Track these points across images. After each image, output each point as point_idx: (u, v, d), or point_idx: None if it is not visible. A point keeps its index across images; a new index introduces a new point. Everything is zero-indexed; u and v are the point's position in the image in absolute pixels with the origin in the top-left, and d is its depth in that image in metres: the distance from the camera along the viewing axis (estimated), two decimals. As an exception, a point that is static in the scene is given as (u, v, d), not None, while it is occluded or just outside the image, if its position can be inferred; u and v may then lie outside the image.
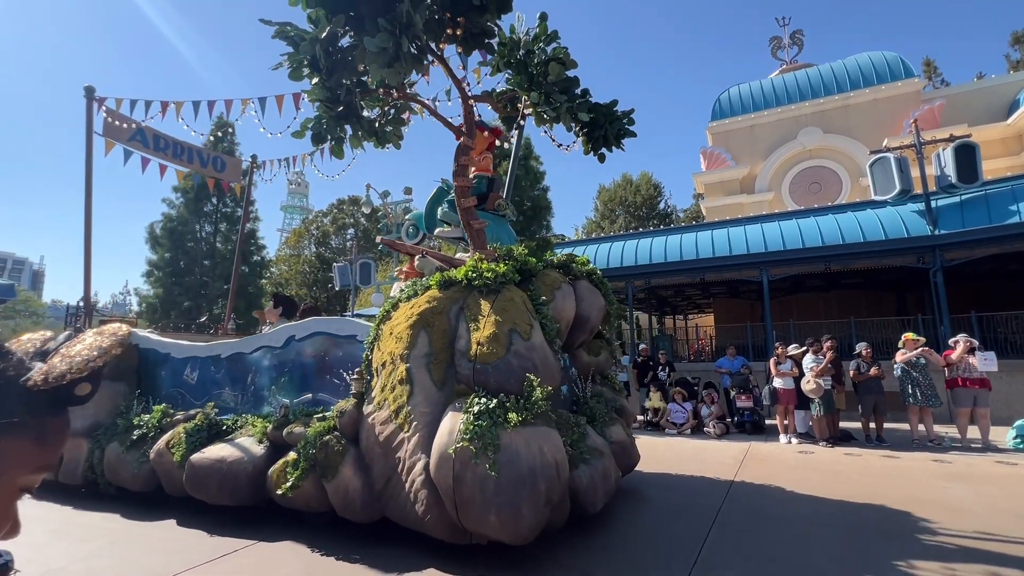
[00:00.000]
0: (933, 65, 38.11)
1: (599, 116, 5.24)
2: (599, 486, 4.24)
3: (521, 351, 4.02)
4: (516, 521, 3.40)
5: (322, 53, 4.23)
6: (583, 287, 5.45)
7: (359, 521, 4.20)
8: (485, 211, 6.36)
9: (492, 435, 3.53)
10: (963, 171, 11.07)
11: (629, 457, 5.47)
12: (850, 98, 19.50)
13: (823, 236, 12.33)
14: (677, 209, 38.87)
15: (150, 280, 21.98)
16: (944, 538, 4.13)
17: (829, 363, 8.25)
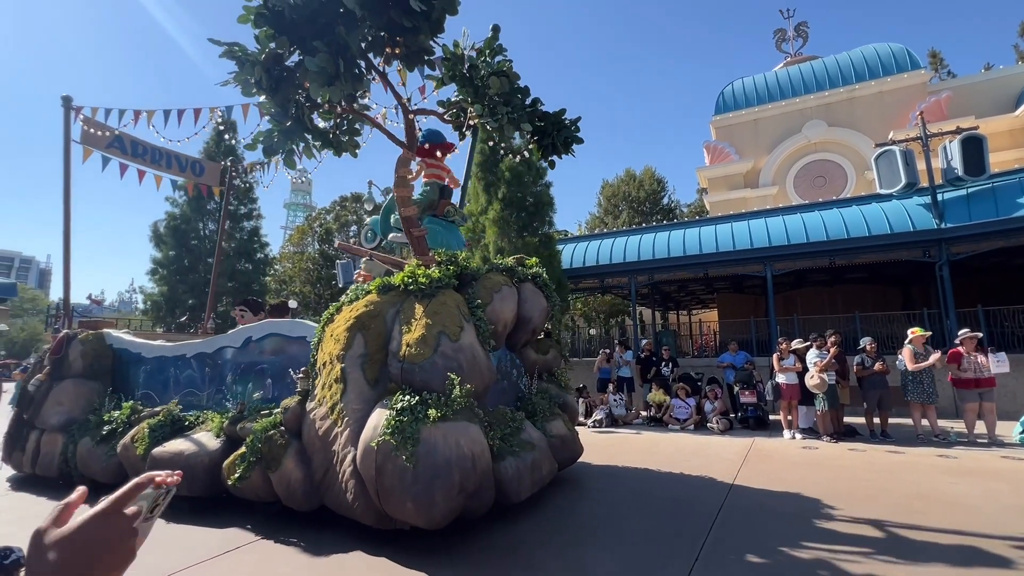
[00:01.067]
0: (939, 57, 37.64)
1: (548, 125, 5.58)
2: (525, 477, 4.59)
3: (448, 352, 4.34)
4: (430, 508, 3.74)
5: (263, 73, 4.51)
6: (527, 289, 5.79)
7: (301, 509, 4.55)
8: (436, 217, 6.77)
9: (412, 429, 3.86)
10: (970, 164, 10.95)
11: (570, 450, 5.79)
12: (855, 91, 19.31)
13: (827, 230, 12.23)
14: (681, 204, 38.65)
15: (155, 278, 22.08)
16: (951, 536, 4.10)
17: (833, 359, 8.19)
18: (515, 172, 12.25)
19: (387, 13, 4.41)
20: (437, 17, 4.61)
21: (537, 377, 6.22)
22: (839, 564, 3.62)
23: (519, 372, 6.18)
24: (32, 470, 6.46)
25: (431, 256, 5.59)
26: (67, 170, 8.45)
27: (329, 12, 4.36)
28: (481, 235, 12.85)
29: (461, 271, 5.26)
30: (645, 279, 14.60)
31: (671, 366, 11.08)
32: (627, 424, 10.46)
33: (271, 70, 4.54)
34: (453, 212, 7.04)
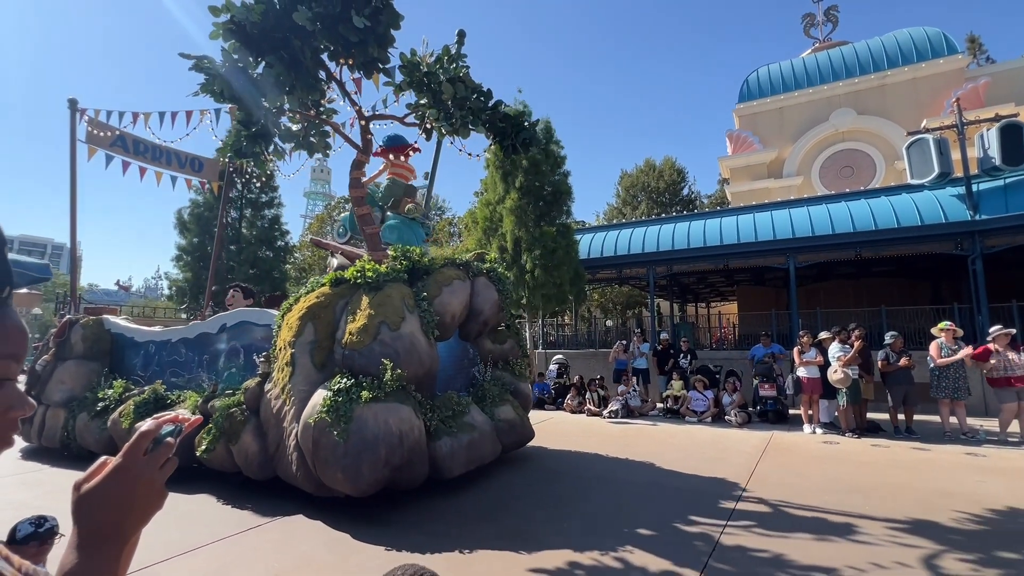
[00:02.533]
0: (978, 42, 36.00)
1: (508, 127, 5.99)
2: (459, 455, 5.09)
3: (386, 340, 4.82)
4: (357, 478, 4.28)
5: (225, 85, 4.95)
6: (480, 283, 6.20)
7: (257, 478, 5.14)
8: (398, 214, 7.38)
9: (346, 409, 4.37)
10: (1009, 152, 10.48)
11: (518, 434, 6.23)
12: (887, 77, 18.61)
13: (854, 221, 11.88)
14: (701, 195, 37.98)
15: (179, 264, 22.61)
16: (972, 534, 3.99)
17: (857, 353, 7.99)
18: (532, 161, 12.14)
19: (336, 28, 4.85)
20: (383, 31, 5.04)
21: (492, 366, 6.63)
22: (851, 557, 3.55)
23: (473, 360, 6.63)
24: (39, 442, 7.23)
25: (384, 251, 6.07)
26: (73, 167, 9.09)
27: (283, 27, 4.78)
28: (498, 224, 12.81)
29: (413, 266, 5.70)
30: (664, 270, 14.41)
31: (690, 358, 10.95)
32: (643, 415, 10.40)
33: (233, 81, 4.97)
34: (414, 210, 7.51)
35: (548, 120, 13.00)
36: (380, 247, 6.22)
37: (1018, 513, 4.44)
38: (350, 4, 4.77)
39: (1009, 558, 3.56)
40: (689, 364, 10.84)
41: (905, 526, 4.17)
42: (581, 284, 13.20)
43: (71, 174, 9.08)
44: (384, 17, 4.96)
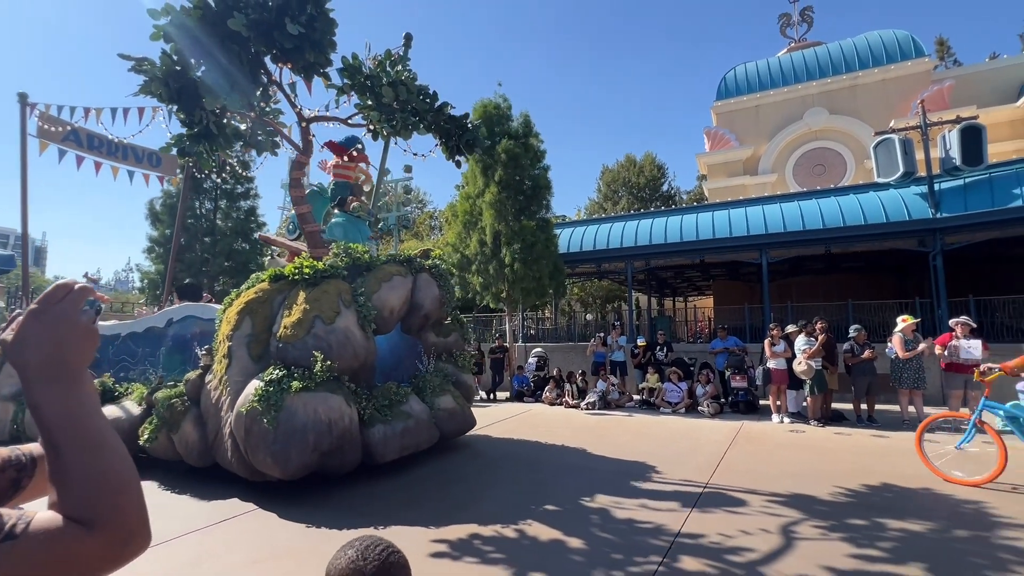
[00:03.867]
0: (946, 45, 37.21)
1: (453, 128, 6.23)
2: (392, 442, 5.39)
3: (320, 333, 5.09)
4: (286, 462, 4.59)
5: (162, 87, 5.11)
6: (422, 279, 6.45)
7: (198, 465, 5.40)
8: (344, 212, 7.67)
9: (277, 398, 4.64)
10: (968, 153, 10.93)
11: (458, 422, 6.52)
12: (858, 78, 19.14)
13: (824, 218, 12.25)
14: (681, 191, 38.53)
15: (151, 256, 22.03)
16: (920, 512, 4.23)
17: (821, 346, 8.29)
18: (512, 155, 12.19)
19: (271, 34, 5.06)
20: (319, 38, 5.24)
21: (436, 358, 6.89)
22: (802, 538, 3.75)
23: (417, 353, 6.88)
24: None
25: (325, 248, 6.31)
26: (24, 162, 9.14)
27: (220, 32, 4.98)
28: (478, 217, 12.84)
29: (354, 262, 5.95)
30: (641, 264, 14.64)
31: (666, 350, 11.19)
32: (620, 407, 10.60)
33: (170, 83, 5.13)
34: (358, 209, 7.83)
35: (527, 114, 13.05)
36: (320, 244, 6.45)
37: (963, 491, 4.71)
38: (284, 11, 4.97)
39: (932, 527, 3.82)
40: (665, 357, 11.08)
41: (858, 505, 4.39)
42: (560, 278, 13.34)
43: (22, 169, 9.09)
44: (320, 24, 5.18)
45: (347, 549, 0.97)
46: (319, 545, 3.82)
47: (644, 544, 3.75)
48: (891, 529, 3.93)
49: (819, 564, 3.38)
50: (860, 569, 3.32)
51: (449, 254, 13.44)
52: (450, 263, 13.37)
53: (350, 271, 5.92)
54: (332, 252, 6.13)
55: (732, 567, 3.38)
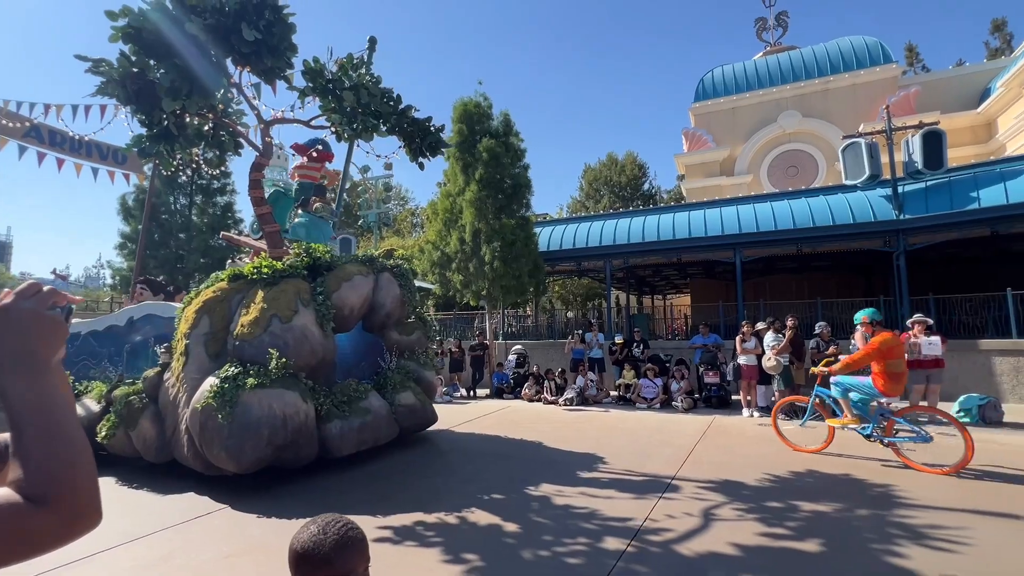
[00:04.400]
0: (915, 51, 38.47)
1: (416, 131, 6.37)
2: (349, 436, 5.57)
3: (276, 331, 5.26)
4: (240, 457, 4.73)
5: (119, 89, 5.18)
6: (384, 279, 6.63)
7: (155, 462, 5.52)
8: (307, 212, 7.82)
9: (232, 394, 4.78)
10: (930, 158, 11.39)
11: (419, 417, 6.75)
12: (830, 82, 19.70)
13: (795, 219, 12.64)
14: (661, 190, 39.09)
15: (123, 253, 21.51)
16: (873, 498, 4.48)
17: (788, 342, 8.60)
18: (493, 153, 12.26)
19: (228, 39, 5.14)
20: (276, 43, 5.32)
21: (399, 355, 7.07)
22: (753, 522, 3.95)
23: (379, 350, 7.04)
24: None
25: (285, 249, 6.51)
26: None
27: (178, 35, 5.01)
28: (459, 215, 12.88)
29: (314, 262, 6.09)
30: (620, 263, 14.88)
31: (642, 347, 11.43)
32: (597, 403, 10.80)
33: (127, 85, 5.18)
34: (321, 209, 8.01)
35: (507, 113, 13.14)
36: (280, 245, 6.63)
37: (910, 477, 4.99)
38: (241, 17, 5.05)
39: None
40: (642, 354, 11.31)
41: (815, 491, 4.63)
42: (540, 276, 13.47)
43: None
44: (277, 29, 5.28)
45: (309, 525, 1.04)
46: (265, 535, 3.96)
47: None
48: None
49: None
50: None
51: (430, 251, 13.46)
52: (430, 260, 13.40)
53: (310, 271, 6.08)
54: (293, 252, 6.28)
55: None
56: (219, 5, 5.06)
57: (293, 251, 6.35)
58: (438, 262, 13.22)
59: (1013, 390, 10.09)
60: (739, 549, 3.55)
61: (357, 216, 24.12)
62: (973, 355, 10.49)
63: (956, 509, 4.22)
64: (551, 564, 3.43)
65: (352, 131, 6.07)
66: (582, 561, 3.44)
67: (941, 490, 4.74)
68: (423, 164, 6.67)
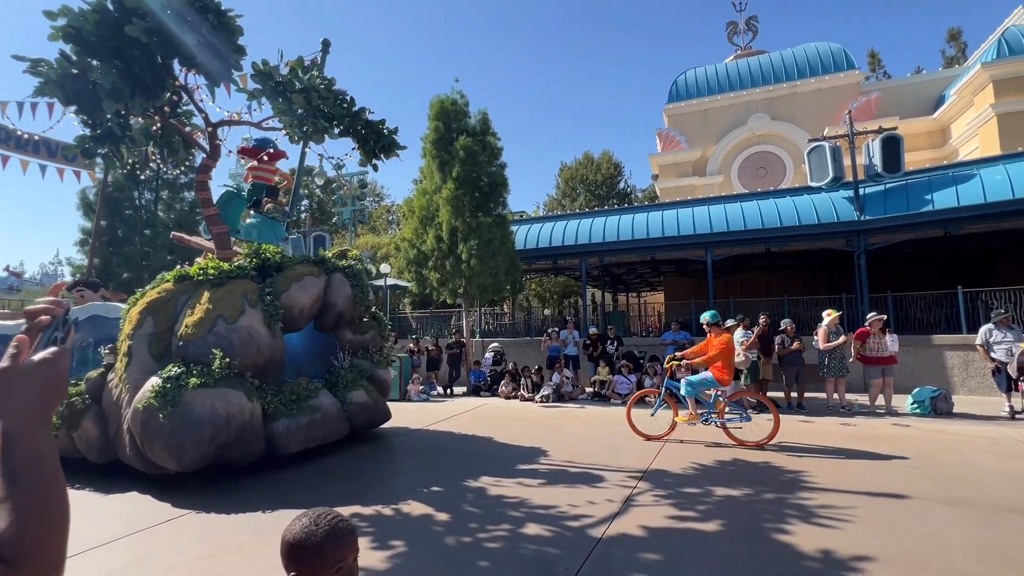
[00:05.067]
0: (878, 57, 40.04)
1: (369, 132, 6.46)
2: (296, 434, 5.67)
3: (221, 332, 5.33)
4: (181, 456, 4.81)
5: (58, 90, 5.13)
6: (336, 279, 6.72)
7: (99, 462, 5.51)
8: (259, 213, 7.99)
9: (174, 394, 4.86)
10: (888, 161, 11.93)
11: (371, 415, 6.85)
12: (797, 87, 20.35)
13: (763, 219, 13.05)
14: (637, 189, 39.68)
15: (84, 249, 20.66)
16: (832, 487, 4.72)
17: (757, 338, 8.90)
18: (469, 152, 12.26)
19: (171, 42, 5.16)
20: (216, 47, 5.40)
21: (353, 354, 7.14)
22: (716, 508, 4.13)
23: (332, 350, 7.12)
24: None
25: (233, 250, 6.62)
26: None
27: (120, 36, 4.98)
28: (435, 213, 12.85)
29: (264, 263, 6.18)
30: (595, 261, 15.09)
31: (616, 344, 11.63)
32: (573, 399, 10.96)
33: (66, 86, 5.13)
34: (272, 210, 8.13)
35: (485, 112, 13.15)
36: (228, 246, 6.70)
37: (869, 470, 5.27)
38: (183, 20, 5.10)
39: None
40: (616, 351, 11.52)
41: (777, 483, 4.84)
42: (517, 274, 13.56)
43: None
44: (222, 33, 5.36)
45: (300, 519, 1.10)
46: (201, 528, 4.10)
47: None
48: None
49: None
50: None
51: (406, 249, 13.39)
52: (407, 258, 13.33)
53: (260, 271, 6.16)
54: (243, 253, 6.36)
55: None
56: (161, 7, 5.06)
57: (243, 252, 6.43)
58: (414, 260, 13.15)
59: (963, 383, 10.67)
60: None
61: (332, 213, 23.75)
62: (927, 350, 11.05)
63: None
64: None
65: (302, 133, 6.17)
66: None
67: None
68: (376, 166, 6.79)
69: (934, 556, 3.29)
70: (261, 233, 7.70)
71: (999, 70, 15.89)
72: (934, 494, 4.47)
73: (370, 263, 17.51)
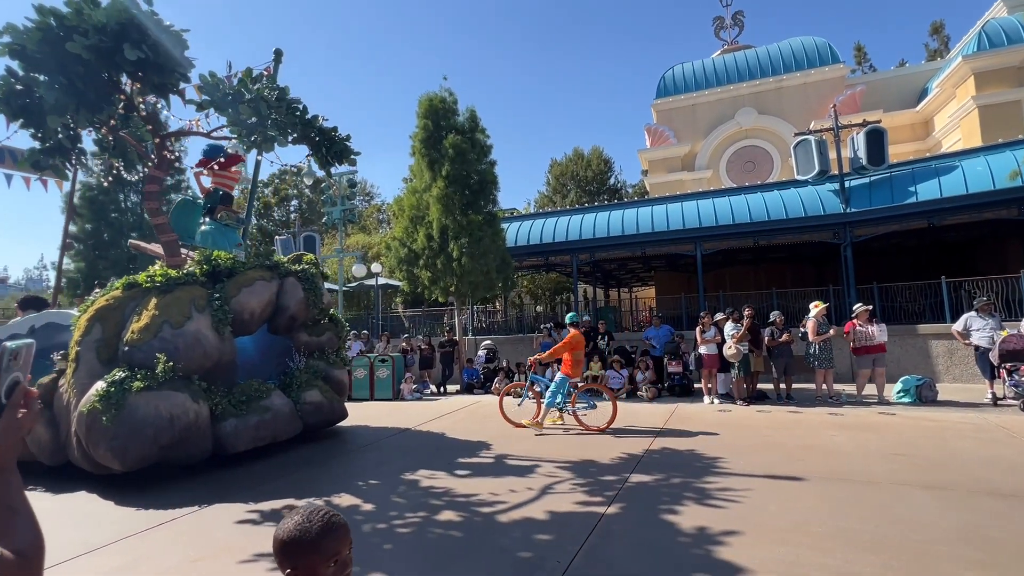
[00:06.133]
0: (863, 51, 40.41)
1: (322, 139, 6.72)
2: (244, 433, 5.86)
3: (167, 337, 5.55)
4: (124, 456, 5.04)
5: (4, 106, 5.32)
6: (288, 283, 6.95)
7: (52, 464, 5.71)
8: (213, 220, 8.24)
9: (118, 397, 5.04)
10: (873, 154, 12.09)
11: (325, 414, 7.06)
12: (783, 81, 20.51)
13: (751, 213, 13.18)
14: (627, 184, 39.77)
15: (71, 253, 20.38)
16: (820, 476, 4.82)
17: (747, 330, 9.00)
18: (459, 149, 12.25)
19: (112, 58, 5.33)
20: (160, 62, 5.59)
21: (308, 355, 7.35)
22: (718, 497, 4.20)
23: (288, 351, 7.32)
24: None
25: (182, 257, 6.96)
26: None
27: (62, 53, 5.15)
28: (425, 212, 12.83)
29: (214, 269, 6.41)
30: (586, 257, 15.16)
31: (607, 339, 11.71)
32: (565, 395, 11.02)
33: (11, 101, 5.33)
34: (226, 217, 8.41)
35: (473, 109, 13.15)
36: (177, 253, 7.01)
37: (853, 458, 5.38)
38: (123, 37, 5.25)
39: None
40: (607, 346, 11.59)
41: (768, 472, 4.92)
42: (508, 271, 13.59)
43: None
44: (163, 48, 5.56)
45: (293, 515, 1.11)
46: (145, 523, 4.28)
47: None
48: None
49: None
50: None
51: (397, 248, 13.36)
52: (397, 257, 13.31)
53: (211, 277, 6.36)
54: (195, 259, 6.65)
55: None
56: (101, 25, 5.19)
57: (195, 258, 6.70)
58: (405, 259, 13.14)
59: (947, 371, 10.88)
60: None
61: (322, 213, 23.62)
62: (912, 339, 11.25)
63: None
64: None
65: (251, 142, 6.39)
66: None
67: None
68: (330, 172, 7.03)
69: (912, 538, 3.38)
70: (215, 240, 8.00)
71: (980, 63, 16.13)
72: (915, 480, 4.58)
73: (360, 263, 17.42)
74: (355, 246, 24.44)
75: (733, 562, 3.14)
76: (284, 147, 6.51)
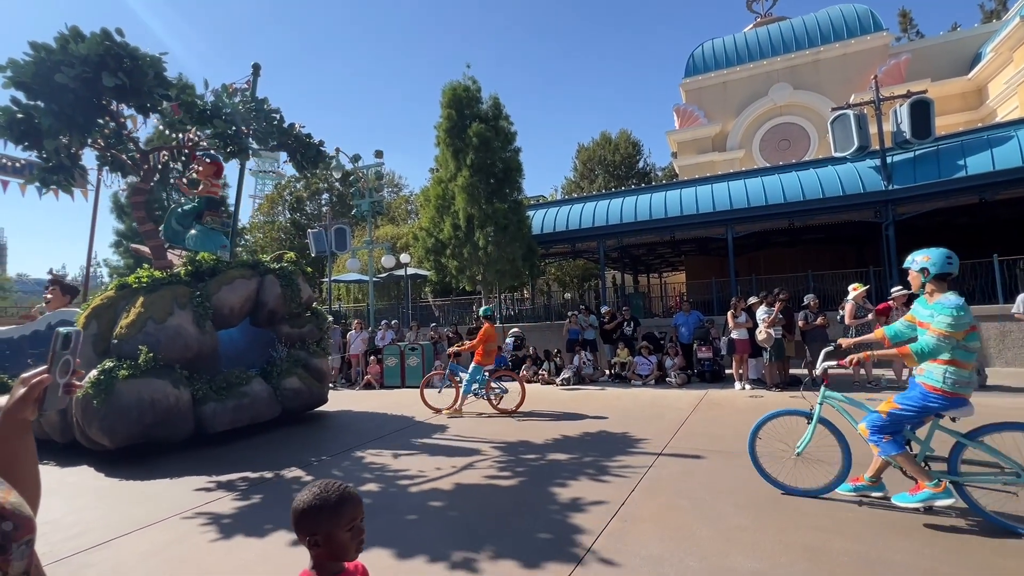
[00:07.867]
0: (909, 17, 37.90)
1: (298, 145, 7.56)
2: (223, 416, 6.57)
3: (150, 331, 6.30)
4: (112, 434, 5.84)
5: (8, 133, 6.03)
6: (267, 280, 7.62)
7: (61, 442, 6.45)
8: (200, 224, 9.02)
9: (107, 384, 5.84)
10: (917, 127, 11.43)
11: (304, 399, 7.74)
12: (820, 53, 19.54)
13: (785, 193, 12.71)
14: (656, 167, 38.85)
15: (119, 251, 21.56)
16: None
17: (778, 314, 8.77)
18: (483, 138, 12.26)
19: (95, 84, 6.03)
20: (136, 86, 6.24)
21: (291, 346, 8.03)
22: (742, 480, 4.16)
23: (272, 342, 7.95)
24: None
25: (168, 260, 7.75)
26: None
27: (53, 83, 5.86)
28: (451, 201, 12.94)
29: (198, 269, 7.16)
30: (614, 243, 14.98)
31: (633, 326, 11.61)
32: (593, 382, 11.03)
33: (13, 128, 6.05)
34: (212, 221, 9.30)
35: (496, 97, 13.10)
36: (164, 257, 7.81)
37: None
38: (102, 67, 6.04)
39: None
40: (633, 332, 11.50)
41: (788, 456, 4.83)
42: (534, 259, 13.60)
43: None
44: (138, 74, 6.28)
45: (311, 488, 1.24)
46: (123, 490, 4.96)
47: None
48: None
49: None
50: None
51: (424, 239, 13.55)
52: (424, 247, 13.50)
53: (194, 276, 7.08)
54: (181, 261, 7.38)
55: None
56: (83, 56, 5.92)
57: (182, 260, 7.53)
58: (432, 249, 13.32)
59: (1000, 354, 10.32)
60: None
61: (351, 206, 24.13)
62: (960, 321, 10.68)
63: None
64: None
65: (227, 153, 7.14)
66: None
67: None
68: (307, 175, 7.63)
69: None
70: (203, 243, 8.83)
71: (1041, 23, 14.94)
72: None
73: (389, 254, 17.72)
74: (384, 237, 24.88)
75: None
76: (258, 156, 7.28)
